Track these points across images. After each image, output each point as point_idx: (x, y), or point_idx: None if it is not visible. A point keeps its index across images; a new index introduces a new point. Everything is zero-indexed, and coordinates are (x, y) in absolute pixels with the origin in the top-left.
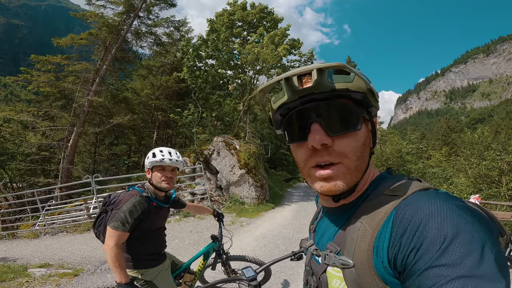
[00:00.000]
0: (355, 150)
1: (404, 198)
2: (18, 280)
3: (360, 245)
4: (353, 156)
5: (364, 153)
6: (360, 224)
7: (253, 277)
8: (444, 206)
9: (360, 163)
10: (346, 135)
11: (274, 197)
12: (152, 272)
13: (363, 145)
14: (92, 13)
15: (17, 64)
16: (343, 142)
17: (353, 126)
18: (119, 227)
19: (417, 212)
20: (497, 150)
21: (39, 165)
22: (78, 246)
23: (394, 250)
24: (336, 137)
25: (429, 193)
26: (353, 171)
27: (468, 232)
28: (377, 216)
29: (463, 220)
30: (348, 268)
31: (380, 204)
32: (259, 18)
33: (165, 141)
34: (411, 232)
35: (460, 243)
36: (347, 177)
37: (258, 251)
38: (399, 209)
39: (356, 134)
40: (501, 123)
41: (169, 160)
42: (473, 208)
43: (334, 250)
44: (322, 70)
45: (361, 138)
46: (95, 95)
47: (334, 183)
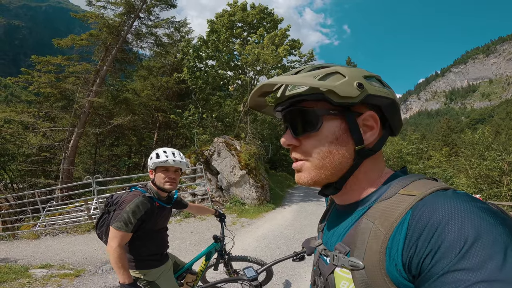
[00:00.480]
0: (318, 149)
1: (421, 198)
2: (20, 281)
3: (371, 246)
4: (316, 155)
5: (335, 152)
6: (372, 224)
7: (254, 277)
8: (464, 207)
9: (326, 162)
10: (309, 136)
11: (274, 198)
12: (154, 272)
13: (330, 143)
14: (93, 14)
15: (18, 65)
16: (306, 142)
17: (311, 127)
18: (122, 227)
19: (435, 213)
20: (498, 151)
21: (39, 166)
22: (79, 247)
23: (409, 253)
24: (302, 138)
25: (447, 194)
26: (317, 168)
27: (490, 235)
28: (391, 216)
29: (485, 222)
30: (358, 269)
31: (394, 204)
32: (259, 18)
33: (165, 142)
34: (428, 234)
35: (482, 246)
36: (310, 172)
37: (259, 251)
38: (415, 210)
39: (317, 134)
40: (501, 123)
41: (172, 161)
42: (495, 210)
43: (343, 251)
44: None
45: (326, 137)
46: (96, 96)
47: (299, 176)
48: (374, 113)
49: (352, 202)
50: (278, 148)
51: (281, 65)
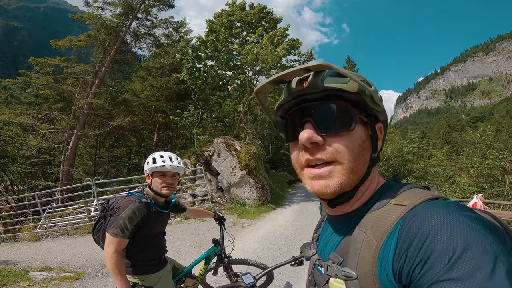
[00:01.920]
0: (350, 150)
1: (411, 208)
2: (20, 284)
3: (364, 256)
4: (348, 156)
5: (362, 156)
6: (364, 234)
7: (252, 284)
8: (454, 217)
9: (357, 165)
10: (339, 135)
11: (275, 198)
12: (152, 277)
13: (360, 147)
14: (90, 14)
15: (17, 67)
16: (336, 141)
17: (345, 126)
18: (119, 233)
19: (425, 223)
20: (499, 149)
21: (39, 168)
22: (79, 249)
23: (399, 263)
24: (329, 136)
25: (437, 203)
26: (349, 172)
27: (479, 244)
28: (383, 226)
29: (474, 231)
30: (351, 280)
31: (385, 214)
32: (258, 18)
33: (165, 142)
34: (418, 244)
35: (471, 256)
36: (341, 177)
37: (260, 253)
38: (405, 220)
39: (349, 134)
40: (501, 121)
41: (170, 166)
42: (485, 219)
43: (337, 261)
44: (317, 72)
45: (357, 139)
46: (95, 97)
47: (326, 183)
48: (382, 124)
49: (346, 212)
50: (278, 148)
51: (280, 64)
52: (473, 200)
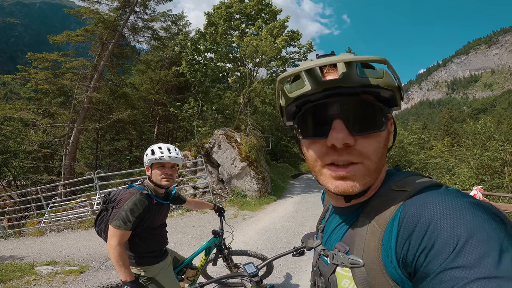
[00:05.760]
0: (377, 151)
1: (412, 194)
2: (26, 278)
3: (369, 243)
4: (375, 157)
5: (384, 154)
6: (368, 222)
7: (254, 273)
8: (456, 203)
9: (380, 164)
10: (370, 136)
11: (276, 190)
12: (154, 268)
13: (384, 146)
14: (87, 9)
15: (15, 62)
16: (366, 142)
17: (378, 127)
18: (121, 225)
19: (426, 209)
20: (500, 141)
21: (41, 163)
22: (83, 243)
23: (402, 249)
24: (359, 136)
25: (439, 190)
26: (373, 172)
27: (483, 231)
28: (385, 213)
29: (478, 218)
30: (358, 267)
31: (388, 201)
32: (257, 10)
33: (166, 135)
34: (420, 231)
35: (476, 243)
36: (366, 178)
37: (260, 244)
38: (406, 206)
39: (379, 134)
40: (503, 113)
41: (168, 157)
42: (487, 205)
43: (343, 250)
44: (349, 63)
45: (383, 139)
46: (94, 91)
47: (352, 184)
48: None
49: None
50: (279, 139)
51: (280, 56)
52: (472, 192)
